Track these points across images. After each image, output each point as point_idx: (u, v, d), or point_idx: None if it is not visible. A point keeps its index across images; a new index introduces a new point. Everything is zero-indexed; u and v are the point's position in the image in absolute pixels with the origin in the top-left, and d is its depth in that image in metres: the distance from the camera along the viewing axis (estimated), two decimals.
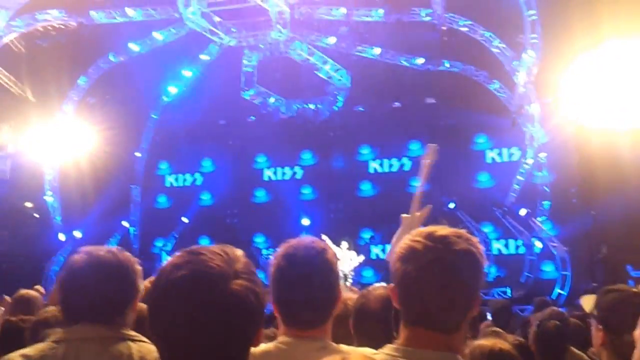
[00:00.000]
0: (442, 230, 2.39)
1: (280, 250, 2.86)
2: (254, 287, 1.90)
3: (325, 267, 2.81)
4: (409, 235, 2.44)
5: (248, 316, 1.87)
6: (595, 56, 17.69)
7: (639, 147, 18.58)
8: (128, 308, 2.94)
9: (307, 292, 2.73)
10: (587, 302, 3.56)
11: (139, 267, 3.04)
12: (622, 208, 18.96)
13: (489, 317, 8.50)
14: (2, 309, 7.43)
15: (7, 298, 7.71)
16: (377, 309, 3.39)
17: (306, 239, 2.88)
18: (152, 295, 1.92)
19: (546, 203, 22.20)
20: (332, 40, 22.37)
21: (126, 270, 2.96)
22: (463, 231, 2.41)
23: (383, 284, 13.01)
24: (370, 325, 3.41)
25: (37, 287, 9.28)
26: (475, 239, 2.41)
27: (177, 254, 1.98)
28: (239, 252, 2.04)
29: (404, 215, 9.65)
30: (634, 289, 5.15)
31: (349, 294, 3.99)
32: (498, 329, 6.66)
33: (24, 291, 6.49)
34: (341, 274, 18.63)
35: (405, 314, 2.42)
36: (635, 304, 3.12)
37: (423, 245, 2.34)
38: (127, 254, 3.04)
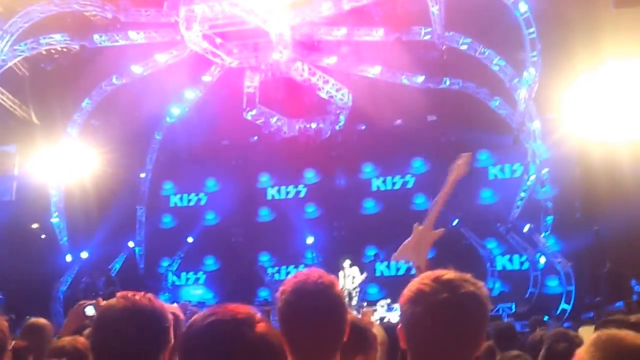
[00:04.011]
0: (449, 274, 2.51)
1: (288, 285, 2.92)
2: (274, 331, 2.11)
3: (333, 301, 2.88)
4: (418, 278, 2.56)
5: (273, 356, 2.04)
6: (596, 75, 17.82)
7: None
8: (161, 356, 2.94)
9: (316, 327, 2.81)
10: (587, 334, 3.60)
11: (172, 317, 3.06)
12: (625, 222, 18.99)
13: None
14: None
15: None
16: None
17: (314, 272, 2.96)
18: (184, 339, 2.10)
19: (549, 218, 22.25)
20: (333, 60, 22.47)
21: (161, 317, 2.97)
22: (469, 275, 2.51)
23: (388, 300, 12.98)
24: None
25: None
26: (480, 283, 2.52)
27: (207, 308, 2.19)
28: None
29: (418, 226, 9.41)
30: (633, 319, 5.20)
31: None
32: (520, 353, 6.67)
33: (33, 319, 6.42)
34: (345, 292, 18.74)
35: (412, 355, 2.52)
36: None
37: (431, 287, 2.46)
38: (161, 302, 3.06)
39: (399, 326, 2.58)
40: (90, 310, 5.00)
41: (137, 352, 2.85)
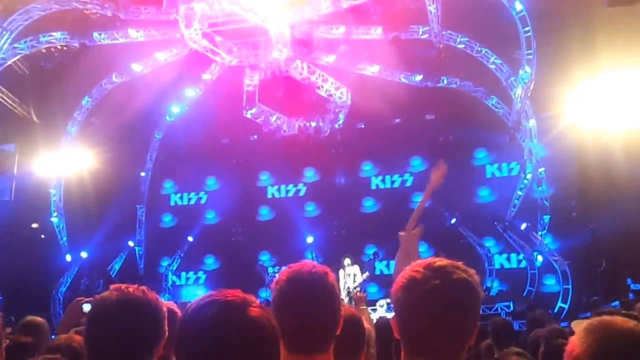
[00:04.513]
0: (441, 261, 2.52)
1: (282, 275, 2.95)
2: (268, 315, 2.12)
3: (328, 291, 2.89)
4: (409, 266, 2.55)
5: (266, 339, 2.07)
6: (593, 80, 17.88)
7: (637, 160, 18.70)
8: (155, 348, 2.95)
9: (311, 316, 2.81)
10: (579, 326, 3.61)
11: (166, 309, 3.07)
12: (621, 221, 19.05)
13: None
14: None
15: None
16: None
17: (307, 263, 2.98)
18: (180, 323, 2.13)
19: (546, 217, 22.31)
20: (331, 58, 22.47)
21: (156, 308, 2.99)
22: (460, 263, 2.53)
23: (387, 300, 13.11)
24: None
25: None
26: (472, 270, 2.52)
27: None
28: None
29: (401, 233, 9.67)
30: (624, 312, 5.24)
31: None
32: (520, 350, 6.68)
33: (30, 317, 6.48)
34: (345, 291, 18.75)
35: (406, 344, 2.52)
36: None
37: (423, 275, 2.46)
38: (155, 294, 3.07)
39: (392, 316, 2.57)
40: (88, 307, 4.98)
41: (132, 344, 2.86)
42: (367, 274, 19.87)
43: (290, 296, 2.85)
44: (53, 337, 6.43)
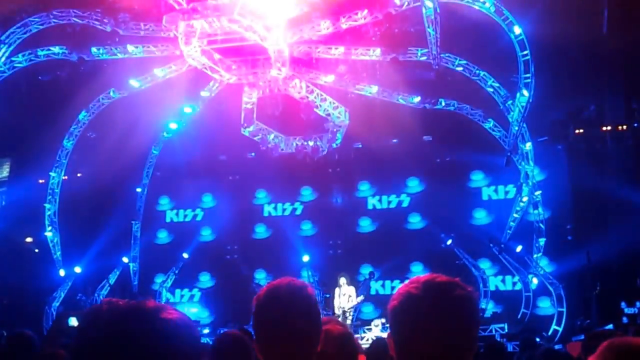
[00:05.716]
0: (439, 277, 2.46)
1: (262, 291, 2.95)
2: (184, 317, 2.04)
3: (305, 303, 2.90)
4: (407, 282, 2.50)
5: (180, 343, 2.00)
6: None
7: (632, 185, 18.75)
8: None
9: (287, 328, 2.80)
10: (574, 348, 3.63)
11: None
12: (615, 245, 19.09)
13: None
14: None
15: None
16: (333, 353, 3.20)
17: (285, 278, 2.99)
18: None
19: (542, 240, 22.31)
20: (330, 78, 22.49)
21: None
22: (458, 279, 2.48)
23: (382, 320, 13.12)
24: None
25: None
26: (470, 287, 2.48)
27: None
28: None
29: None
30: (619, 332, 5.23)
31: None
32: None
33: (18, 331, 6.42)
34: (340, 311, 18.69)
35: None
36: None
37: (421, 291, 2.40)
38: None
39: (388, 334, 2.52)
40: (73, 321, 4.96)
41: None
42: (362, 297, 19.83)
43: (267, 309, 2.85)
44: None
